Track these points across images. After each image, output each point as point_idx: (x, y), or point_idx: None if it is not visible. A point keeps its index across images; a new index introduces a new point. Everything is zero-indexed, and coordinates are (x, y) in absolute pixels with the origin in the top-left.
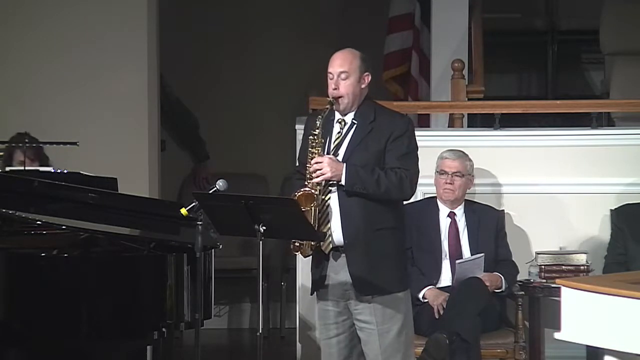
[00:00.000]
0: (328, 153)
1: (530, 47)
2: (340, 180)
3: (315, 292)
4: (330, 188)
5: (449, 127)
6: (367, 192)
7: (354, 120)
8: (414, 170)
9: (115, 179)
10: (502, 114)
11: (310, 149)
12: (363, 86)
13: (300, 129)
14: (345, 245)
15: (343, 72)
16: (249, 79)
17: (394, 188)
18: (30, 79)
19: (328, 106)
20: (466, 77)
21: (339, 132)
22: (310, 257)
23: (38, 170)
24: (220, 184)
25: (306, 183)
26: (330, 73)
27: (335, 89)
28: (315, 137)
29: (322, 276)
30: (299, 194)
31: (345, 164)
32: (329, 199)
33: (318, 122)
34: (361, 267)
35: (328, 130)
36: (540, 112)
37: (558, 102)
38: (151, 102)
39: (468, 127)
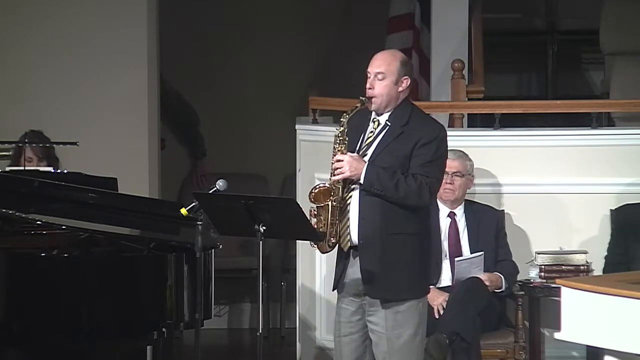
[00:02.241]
0: (359, 151)
1: (530, 47)
2: (360, 180)
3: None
4: (352, 186)
5: (449, 127)
6: (384, 194)
7: (387, 122)
8: (435, 178)
9: (115, 179)
10: (502, 114)
11: (334, 145)
12: (400, 89)
13: (300, 129)
14: (360, 246)
15: (380, 72)
16: (249, 79)
17: (412, 194)
18: (30, 79)
19: (359, 105)
20: (466, 77)
21: (371, 132)
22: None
23: (38, 170)
24: (220, 184)
25: (329, 179)
26: (368, 72)
27: (370, 88)
28: (340, 135)
29: (342, 273)
30: (317, 190)
31: (366, 164)
32: (351, 197)
33: (344, 120)
34: (373, 270)
35: (364, 127)
36: (540, 112)
37: (558, 102)
38: (151, 101)
39: (468, 127)
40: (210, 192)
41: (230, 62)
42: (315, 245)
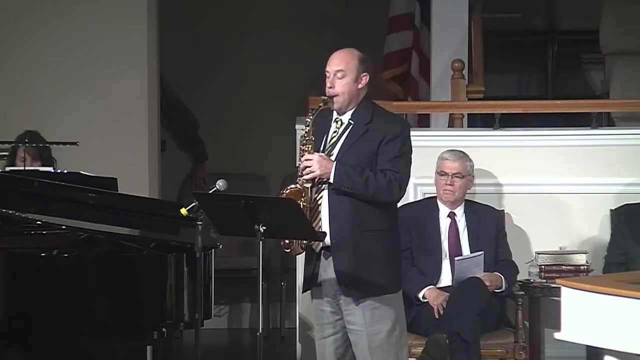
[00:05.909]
0: (323, 151)
1: (530, 47)
2: (330, 179)
3: (309, 291)
4: (322, 186)
5: (449, 127)
6: (355, 192)
7: (350, 121)
8: (403, 174)
9: (115, 179)
10: (502, 114)
11: (301, 147)
12: (360, 86)
13: (300, 129)
14: (333, 245)
15: (339, 71)
16: (249, 79)
17: (382, 190)
18: (30, 79)
19: (322, 104)
20: (466, 77)
21: (334, 132)
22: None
23: (38, 170)
24: (220, 184)
25: (297, 180)
26: (327, 71)
27: (330, 87)
28: (306, 135)
29: (313, 274)
30: (287, 191)
31: (335, 163)
32: (321, 197)
33: (309, 120)
34: (347, 268)
35: (326, 128)
36: (540, 112)
37: (558, 102)
38: (151, 102)
39: (468, 127)
40: (210, 192)
41: (230, 62)
42: (288, 249)
